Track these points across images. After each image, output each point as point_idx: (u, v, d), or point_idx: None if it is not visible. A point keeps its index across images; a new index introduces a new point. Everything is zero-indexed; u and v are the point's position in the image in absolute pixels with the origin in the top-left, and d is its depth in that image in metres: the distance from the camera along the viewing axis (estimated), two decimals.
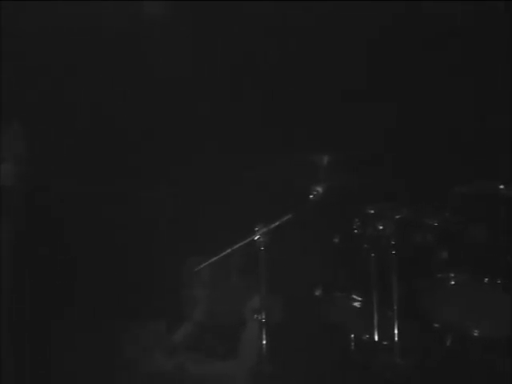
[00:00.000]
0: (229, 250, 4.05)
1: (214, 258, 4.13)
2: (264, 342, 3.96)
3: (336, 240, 4.13)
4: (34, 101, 4.75)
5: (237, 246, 4.05)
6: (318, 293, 4.20)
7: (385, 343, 3.93)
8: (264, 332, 3.93)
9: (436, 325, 3.97)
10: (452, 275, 3.68)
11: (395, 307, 3.85)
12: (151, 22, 5.00)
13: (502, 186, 3.62)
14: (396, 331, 3.87)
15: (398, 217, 3.88)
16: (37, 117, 4.71)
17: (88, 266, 4.75)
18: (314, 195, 4.07)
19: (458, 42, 4.74)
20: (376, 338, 3.93)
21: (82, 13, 4.87)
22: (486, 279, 3.59)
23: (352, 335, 4.25)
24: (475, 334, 3.85)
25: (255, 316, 3.99)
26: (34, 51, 4.78)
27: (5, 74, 4.60)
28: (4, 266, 4.21)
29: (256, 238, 3.96)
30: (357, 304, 4.10)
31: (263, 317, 3.91)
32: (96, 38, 4.86)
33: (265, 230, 3.96)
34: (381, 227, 3.89)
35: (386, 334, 3.88)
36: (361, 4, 4.85)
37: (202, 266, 4.45)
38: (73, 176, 4.78)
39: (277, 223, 3.98)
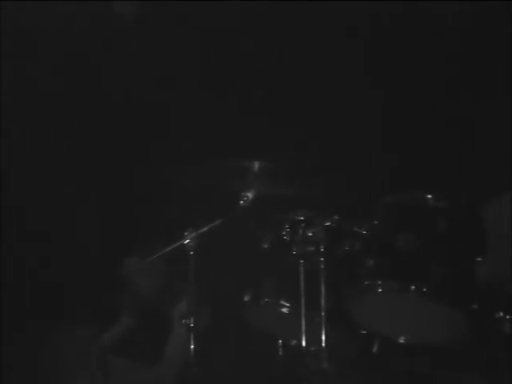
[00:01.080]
0: (159, 254, 4.04)
1: (145, 261, 4.12)
2: (192, 346, 3.95)
3: (265, 246, 4.13)
4: None
5: (166, 249, 4.04)
6: (246, 298, 4.20)
7: (312, 349, 3.95)
8: (192, 337, 3.92)
9: (363, 331, 4.03)
10: (379, 283, 3.70)
11: (323, 313, 3.87)
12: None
13: (429, 196, 3.67)
14: (323, 337, 3.89)
15: (327, 224, 3.91)
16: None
17: (17, 266, 4.70)
18: (245, 201, 4.08)
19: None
20: (303, 343, 3.94)
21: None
22: (413, 287, 3.63)
23: (280, 341, 4.28)
24: (401, 341, 3.92)
25: (183, 320, 3.98)
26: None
27: None
28: None
29: (186, 243, 3.95)
30: (285, 310, 4.11)
31: (191, 321, 3.89)
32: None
33: (194, 234, 3.96)
34: (310, 234, 3.91)
35: (313, 339, 3.90)
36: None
37: (132, 269, 4.43)
38: None
39: (206, 228, 3.98)
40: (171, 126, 5.09)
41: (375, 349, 4.05)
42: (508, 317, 3.75)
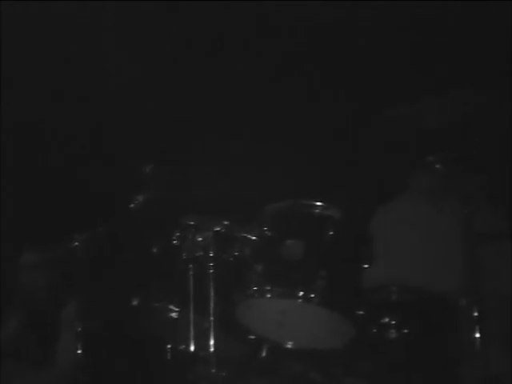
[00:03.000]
0: (50, 254, 3.99)
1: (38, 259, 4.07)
2: (80, 351, 3.90)
3: (155, 250, 4.11)
4: None
5: (56, 250, 4.00)
6: (135, 302, 4.16)
7: (201, 354, 3.95)
8: (80, 341, 3.88)
9: (251, 336, 4.04)
10: (268, 288, 3.71)
11: (212, 318, 3.88)
12: None
13: (317, 204, 3.71)
14: (212, 342, 3.89)
15: (216, 229, 3.90)
16: None
17: None
18: (135, 204, 4.05)
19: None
20: (192, 348, 3.93)
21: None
22: (301, 293, 3.65)
23: (169, 346, 4.26)
24: (289, 346, 3.94)
25: (71, 324, 3.93)
26: None
27: None
28: None
29: (76, 244, 3.91)
30: (174, 315, 4.10)
31: (79, 325, 3.85)
32: None
33: (83, 237, 3.92)
34: (200, 239, 3.90)
35: (202, 345, 3.90)
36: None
37: (25, 265, 4.36)
38: None
39: (96, 231, 3.94)
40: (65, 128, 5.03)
41: (263, 354, 4.07)
42: (393, 322, 3.83)
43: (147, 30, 5.07)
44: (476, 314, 3.57)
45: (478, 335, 3.57)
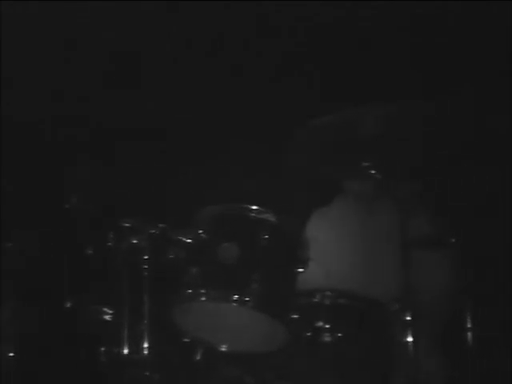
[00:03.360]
0: None
1: None
2: (12, 354, 3.88)
3: (90, 252, 4.08)
4: None
5: None
6: (69, 304, 4.13)
7: (135, 357, 3.93)
8: (13, 343, 3.85)
9: (186, 339, 4.04)
10: (203, 291, 3.71)
11: (146, 321, 3.87)
12: None
13: (253, 208, 3.72)
14: (146, 345, 3.88)
15: (152, 232, 3.90)
16: None
17: None
18: (70, 205, 4.03)
19: None
20: (126, 351, 3.92)
21: None
22: (235, 297, 3.66)
23: (102, 348, 4.23)
24: (223, 349, 3.95)
25: (7, 326, 3.89)
26: None
27: None
28: None
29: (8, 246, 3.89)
30: (107, 317, 4.08)
31: (15, 327, 3.82)
32: None
33: (17, 238, 3.90)
34: (135, 241, 3.89)
35: (136, 347, 3.89)
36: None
37: None
38: None
39: (29, 232, 3.92)
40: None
41: (198, 357, 4.07)
42: (327, 326, 3.86)
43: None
44: (408, 318, 3.62)
45: (409, 339, 3.61)
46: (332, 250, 4.57)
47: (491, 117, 4.84)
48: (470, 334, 3.98)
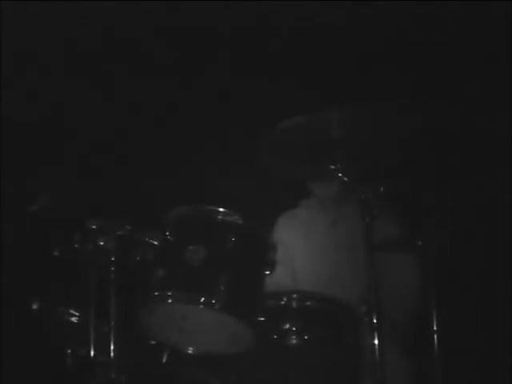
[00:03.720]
0: None
1: None
2: None
3: (56, 253, 4.05)
4: None
5: None
6: (35, 306, 4.10)
7: (101, 359, 3.91)
8: None
9: (152, 341, 4.03)
10: (169, 293, 3.70)
11: (112, 323, 3.85)
12: None
13: (220, 210, 3.72)
14: (112, 347, 3.86)
15: (119, 233, 3.87)
16: None
17: None
18: (37, 206, 4.00)
19: None
20: (92, 353, 3.90)
21: None
22: (202, 299, 3.65)
23: (69, 350, 4.21)
24: (190, 352, 3.94)
25: None
26: None
27: None
28: None
29: None
30: (74, 319, 4.05)
31: None
32: None
33: None
34: (101, 243, 3.87)
35: (102, 349, 3.86)
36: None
37: None
38: None
39: None
40: None
41: (164, 359, 4.07)
42: (294, 329, 3.86)
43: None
44: (375, 320, 3.63)
45: (376, 341, 3.63)
46: (299, 253, 4.59)
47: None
48: (435, 336, 4.00)
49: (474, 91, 4.94)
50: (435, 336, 4.00)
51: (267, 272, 3.78)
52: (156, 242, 3.80)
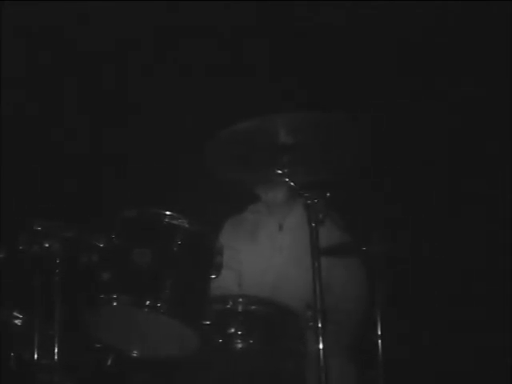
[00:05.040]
0: None
1: None
2: None
3: (1, 255, 4.01)
4: None
5: None
6: None
7: (44, 362, 3.88)
8: None
9: (97, 345, 4.01)
10: (114, 296, 3.68)
11: (57, 326, 3.82)
12: None
13: (166, 213, 3.71)
14: (56, 350, 3.83)
15: (64, 235, 3.85)
16: None
17: None
18: None
19: None
20: (36, 356, 3.86)
21: None
22: (147, 302, 3.64)
23: (12, 353, 4.17)
24: (134, 355, 3.93)
25: None
26: None
27: None
28: None
29: None
30: (18, 321, 4.02)
31: None
32: None
33: None
34: (47, 245, 3.84)
35: (46, 352, 3.83)
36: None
37: None
38: None
39: None
40: None
41: (109, 362, 4.05)
42: (239, 333, 3.87)
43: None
44: (320, 325, 3.65)
45: (321, 346, 3.64)
46: (245, 257, 4.59)
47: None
48: (379, 341, 4.04)
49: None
50: (379, 341, 4.04)
51: (213, 276, 3.78)
52: (102, 245, 3.79)
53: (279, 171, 3.77)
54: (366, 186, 5.05)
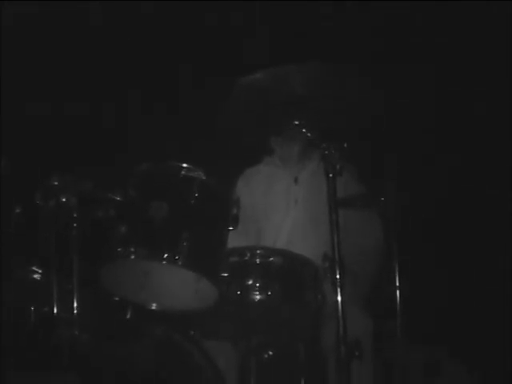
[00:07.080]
0: None
1: None
2: None
3: (18, 210, 4.02)
4: None
5: None
6: None
7: (64, 316, 3.90)
8: None
9: (116, 298, 4.02)
10: (132, 250, 3.68)
11: (75, 280, 3.83)
12: None
13: (183, 166, 3.70)
14: (75, 304, 3.85)
15: (81, 190, 3.84)
16: None
17: None
18: None
19: None
20: (55, 310, 3.88)
21: None
22: (165, 255, 3.64)
23: (32, 308, 4.19)
24: (153, 308, 3.94)
25: None
26: None
27: None
28: None
29: None
30: (36, 276, 4.03)
31: None
32: None
33: None
34: (63, 199, 3.83)
35: (65, 306, 3.85)
36: None
37: None
38: None
39: None
40: None
41: (128, 315, 4.06)
42: (257, 284, 3.87)
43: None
44: (338, 276, 3.64)
45: (339, 298, 3.64)
46: (261, 210, 4.58)
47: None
48: (398, 292, 4.03)
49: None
50: (397, 292, 4.04)
51: (231, 228, 3.78)
52: (119, 198, 3.79)
53: (296, 121, 3.75)
54: (381, 137, 5.02)
